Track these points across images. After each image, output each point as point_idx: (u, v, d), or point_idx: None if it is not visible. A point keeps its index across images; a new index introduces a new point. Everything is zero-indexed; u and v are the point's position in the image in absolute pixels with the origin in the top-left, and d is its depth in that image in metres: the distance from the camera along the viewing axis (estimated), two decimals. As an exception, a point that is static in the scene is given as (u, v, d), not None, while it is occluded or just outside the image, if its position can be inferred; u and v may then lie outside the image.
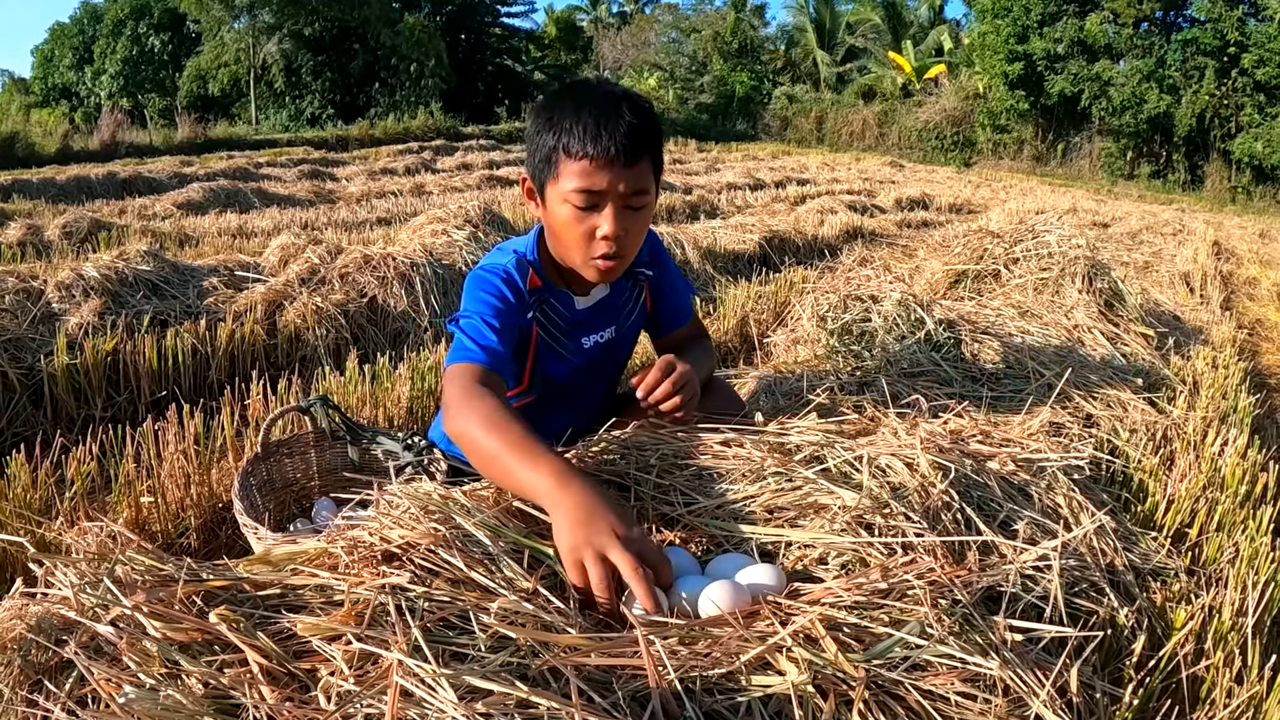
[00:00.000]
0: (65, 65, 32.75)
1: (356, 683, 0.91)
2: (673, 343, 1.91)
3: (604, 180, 1.47)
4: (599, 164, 1.46)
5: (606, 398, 1.97)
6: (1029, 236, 3.72)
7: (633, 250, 1.60)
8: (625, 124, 1.46)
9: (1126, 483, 2.16)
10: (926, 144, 28.00)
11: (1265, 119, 21.40)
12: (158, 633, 0.97)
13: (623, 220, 1.52)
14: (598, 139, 1.45)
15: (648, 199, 1.54)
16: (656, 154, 1.55)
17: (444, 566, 1.10)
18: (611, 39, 39.87)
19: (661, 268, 1.88)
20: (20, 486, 2.02)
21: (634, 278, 1.83)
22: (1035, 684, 1.04)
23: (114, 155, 15.86)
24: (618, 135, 1.45)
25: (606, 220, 1.51)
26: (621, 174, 1.48)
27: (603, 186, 1.48)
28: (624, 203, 1.51)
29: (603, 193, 1.49)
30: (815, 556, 1.27)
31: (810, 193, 10.93)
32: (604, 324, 1.80)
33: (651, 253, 1.85)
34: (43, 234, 5.99)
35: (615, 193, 1.49)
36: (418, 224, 5.04)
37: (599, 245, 1.54)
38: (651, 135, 1.51)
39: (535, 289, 1.68)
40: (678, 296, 1.92)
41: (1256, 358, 4.41)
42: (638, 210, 1.54)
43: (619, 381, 2.03)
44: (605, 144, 1.45)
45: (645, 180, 1.52)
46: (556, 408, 1.82)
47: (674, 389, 1.53)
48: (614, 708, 0.86)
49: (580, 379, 1.83)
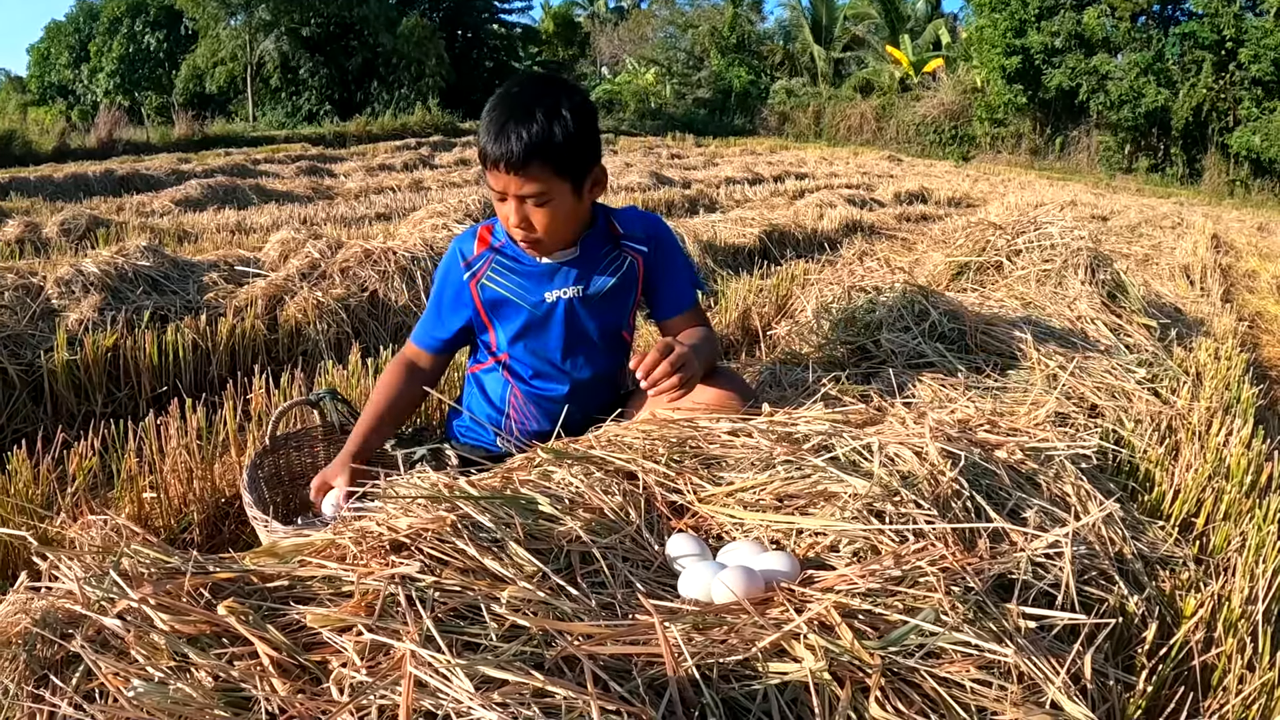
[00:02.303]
0: (62, 63, 32.67)
1: (369, 674, 0.90)
2: (673, 330, 1.97)
3: (501, 181, 1.69)
4: (498, 169, 1.67)
5: (604, 373, 2.01)
6: (1031, 228, 3.71)
7: (548, 234, 1.77)
8: (522, 133, 1.63)
9: (1133, 472, 2.16)
10: (924, 138, 27.96)
11: (1263, 113, 21.36)
12: (165, 625, 0.96)
13: (522, 212, 1.72)
14: (495, 145, 1.65)
15: (546, 196, 1.70)
16: (555, 156, 1.67)
17: (453, 555, 1.10)
18: (609, 34, 39.76)
19: (661, 250, 1.97)
20: (22, 482, 2.01)
21: (619, 247, 1.92)
22: (1050, 671, 1.03)
23: (111, 153, 15.78)
24: (509, 144, 1.63)
25: (511, 211, 1.72)
26: (513, 179, 1.67)
27: (502, 186, 1.70)
28: (520, 201, 1.71)
29: (503, 191, 1.70)
30: (827, 544, 1.26)
31: (809, 187, 10.90)
32: (568, 280, 1.88)
33: (649, 232, 1.95)
34: (41, 231, 5.97)
35: (512, 193, 1.70)
36: (418, 218, 5.03)
37: (514, 232, 1.78)
38: (542, 144, 1.64)
39: (485, 249, 1.89)
40: (677, 282, 1.99)
41: (1258, 350, 4.41)
42: (540, 205, 1.71)
43: (622, 364, 2.04)
44: (499, 151, 1.64)
45: (539, 182, 1.68)
46: (551, 376, 1.94)
47: (672, 369, 1.60)
48: (632, 695, 0.85)
49: (553, 337, 1.91)
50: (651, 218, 2.00)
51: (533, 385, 1.94)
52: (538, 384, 1.94)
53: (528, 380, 1.95)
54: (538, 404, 1.94)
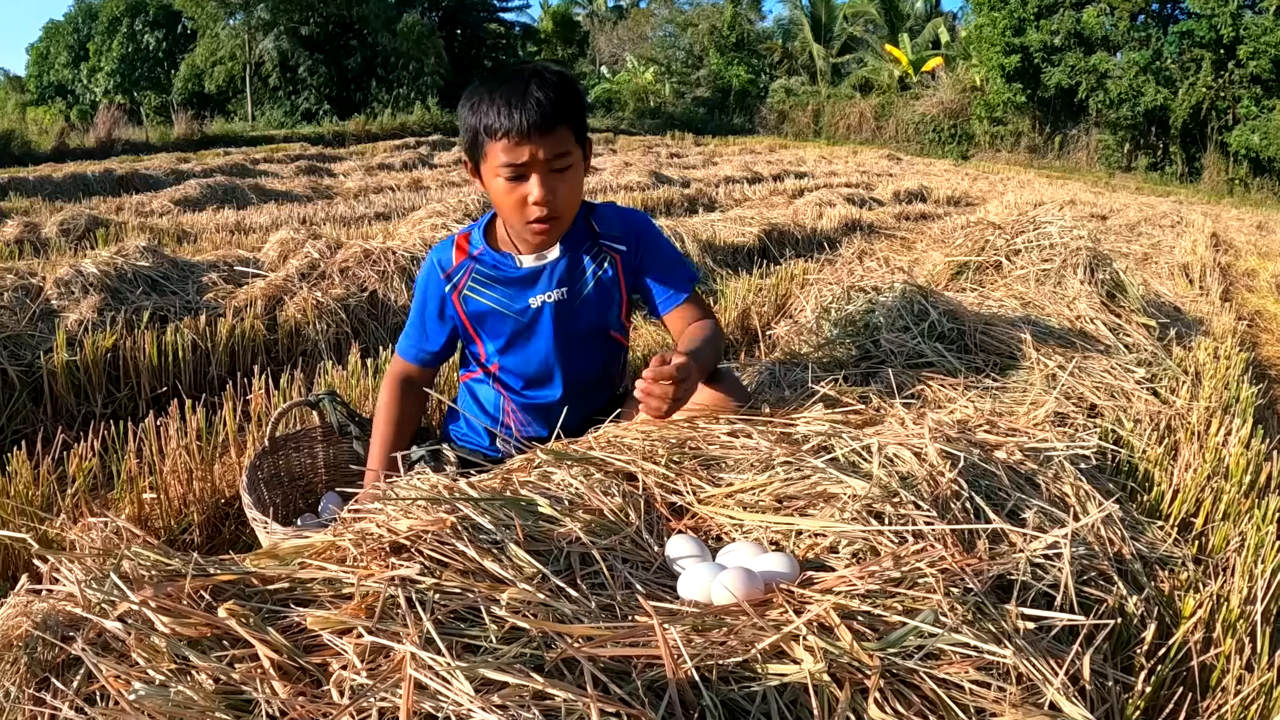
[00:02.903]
0: (61, 63, 32.67)
1: (369, 676, 0.90)
2: (675, 324, 1.92)
3: (525, 152, 1.64)
4: (516, 138, 1.63)
5: (597, 376, 1.99)
6: (1030, 228, 3.71)
7: (567, 209, 1.75)
8: (534, 99, 1.62)
9: (1132, 472, 2.16)
10: (923, 137, 27.96)
11: (1262, 111, 21.37)
12: (166, 628, 0.96)
13: (550, 183, 1.68)
14: (511, 116, 1.62)
15: (570, 160, 1.70)
16: (574, 119, 1.69)
17: (453, 557, 1.10)
18: (608, 33, 39.76)
19: (644, 246, 1.92)
20: (22, 483, 2.01)
21: (598, 247, 1.88)
22: (1049, 672, 1.03)
23: (110, 152, 15.78)
24: (528, 109, 1.61)
25: (534, 186, 1.67)
26: (539, 142, 1.64)
27: (524, 158, 1.65)
28: (548, 168, 1.67)
29: (525, 163, 1.66)
30: (826, 545, 1.26)
31: (808, 186, 10.90)
32: (553, 284, 1.86)
33: (627, 229, 1.91)
34: (40, 231, 5.96)
35: (537, 160, 1.65)
36: (417, 218, 5.03)
37: (531, 210, 1.70)
38: (563, 104, 1.65)
39: (465, 259, 1.87)
40: (669, 276, 1.93)
41: (1257, 349, 4.41)
42: (563, 172, 1.69)
43: (616, 365, 2.04)
44: (518, 119, 1.61)
45: (565, 144, 1.68)
46: (543, 383, 1.92)
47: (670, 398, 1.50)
48: (631, 697, 0.85)
49: (541, 343, 1.88)
50: (630, 213, 1.96)
51: (525, 395, 1.93)
52: (530, 393, 1.93)
53: (519, 391, 1.94)
54: (532, 411, 1.94)
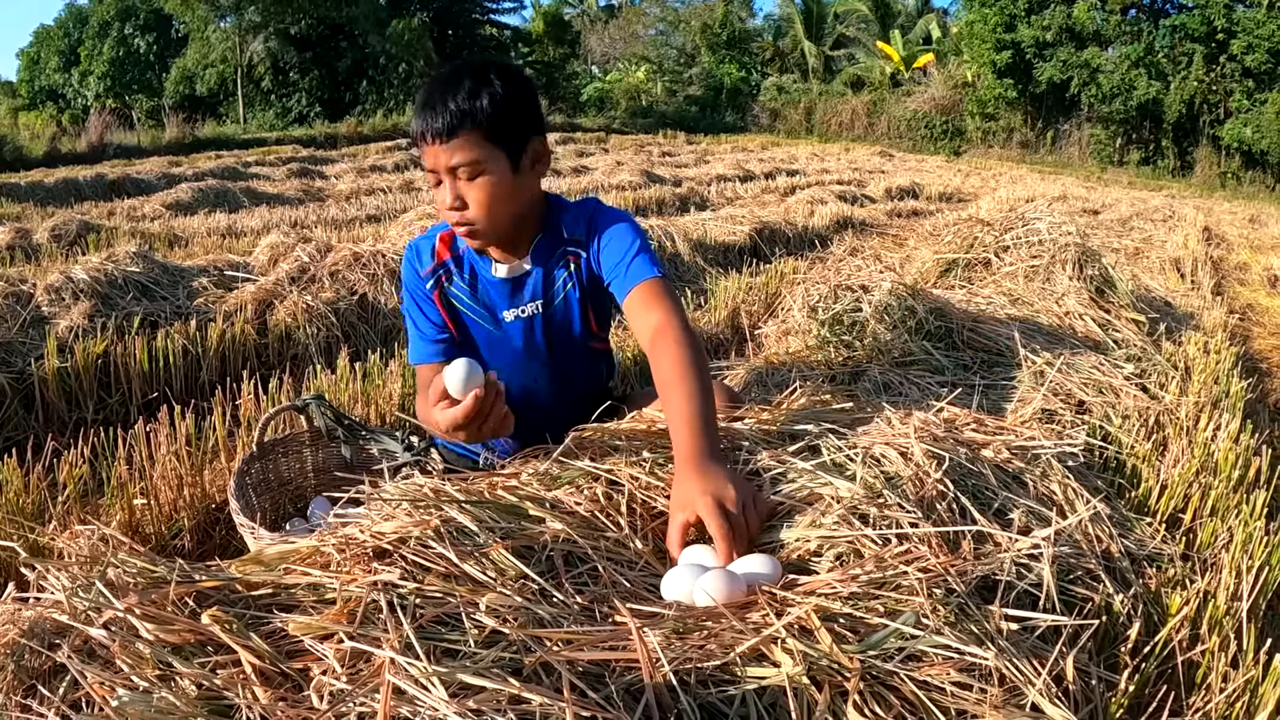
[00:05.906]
0: (51, 68, 32.62)
1: (349, 681, 0.90)
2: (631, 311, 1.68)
3: (433, 157, 1.60)
4: (427, 142, 1.60)
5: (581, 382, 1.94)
6: (1019, 224, 3.72)
7: (483, 218, 1.64)
8: (440, 104, 1.56)
9: (1120, 469, 2.16)
10: (916, 133, 28.01)
11: (1254, 104, 21.45)
12: (150, 635, 0.96)
13: (456, 190, 1.61)
14: (423, 119, 1.58)
15: (480, 168, 1.60)
16: (490, 123, 1.59)
17: (435, 561, 1.10)
18: (599, 33, 39.75)
19: (598, 236, 1.76)
20: (13, 491, 2.01)
21: (563, 256, 1.78)
22: (1031, 673, 1.04)
23: (102, 157, 15.73)
24: (437, 113, 1.56)
25: (444, 193, 1.62)
26: (442, 150, 1.58)
27: (434, 163, 1.61)
28: (454, 175, 1.61)
29: (436, 169, 1.62)
30: (810, 547, 1.27)
31: (800, 183, 10.91)
32: (525, 298, 1.80)
33: (585, 225, 1.78)
34: (31, 237, 5.95)
35: (445, 167, 1.60)
36: (408, 220, 5.03)
37: (449, 216, 1.66)
38: (472, 109, 1.57)
39: (441, 262, 1.82)
40: (621, 259, 1.72)
41: (1248, 342, 4.42)
42: (473, 179, 1.61)
43: (600, 373, 2.01)
44: (428, 123, 1.57)
45: (470, 151, 1.58)
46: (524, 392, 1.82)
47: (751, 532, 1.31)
48: (607, 701, 0.86)
49: (518, 355, 1.82)
50: (581, 204, 1.83)
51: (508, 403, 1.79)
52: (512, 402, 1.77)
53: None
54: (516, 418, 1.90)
